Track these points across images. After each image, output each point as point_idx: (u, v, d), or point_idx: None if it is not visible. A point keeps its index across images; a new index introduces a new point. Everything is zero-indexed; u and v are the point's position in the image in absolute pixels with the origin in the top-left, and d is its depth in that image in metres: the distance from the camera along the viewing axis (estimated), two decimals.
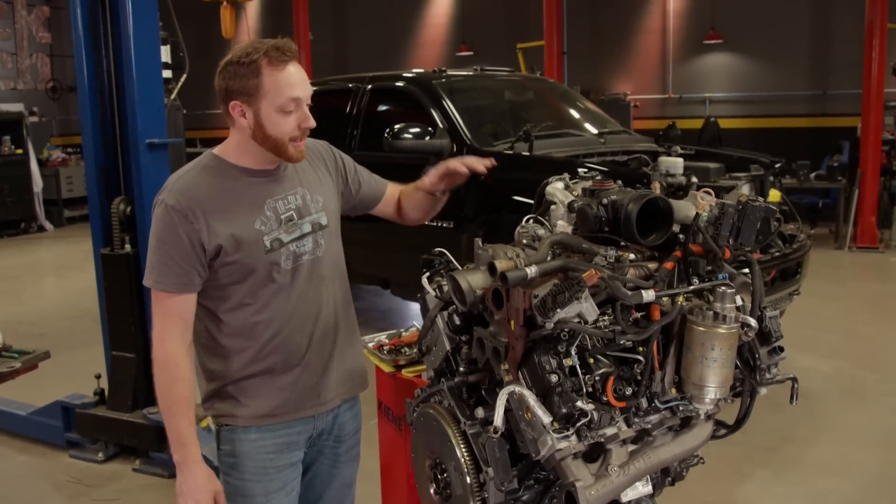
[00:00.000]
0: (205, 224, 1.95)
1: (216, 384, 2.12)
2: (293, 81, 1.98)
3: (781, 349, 1.88)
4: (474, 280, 1.80)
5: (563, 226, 1.97)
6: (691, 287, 1.79)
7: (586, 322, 1.63)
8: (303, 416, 2.16)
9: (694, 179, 2.07)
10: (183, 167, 2.09)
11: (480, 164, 2.41)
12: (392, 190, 2.54)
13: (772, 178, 5.27)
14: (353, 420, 2.35)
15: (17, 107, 13.70)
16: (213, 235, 1.96)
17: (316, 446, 2.26)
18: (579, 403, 1.61)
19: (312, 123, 2.03)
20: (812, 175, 9.90)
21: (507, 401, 1.65)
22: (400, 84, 6.24)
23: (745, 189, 4.64)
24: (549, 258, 1.77)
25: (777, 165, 5.51)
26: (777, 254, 4.74)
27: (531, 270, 1.66)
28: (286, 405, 2.11)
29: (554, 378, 1.62)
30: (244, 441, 2.10)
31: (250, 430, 2.10)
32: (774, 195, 4.87)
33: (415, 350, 2.51)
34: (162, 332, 1.99)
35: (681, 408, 1.81)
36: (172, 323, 1.98)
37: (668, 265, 1.79)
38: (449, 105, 5.59)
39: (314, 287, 2.13)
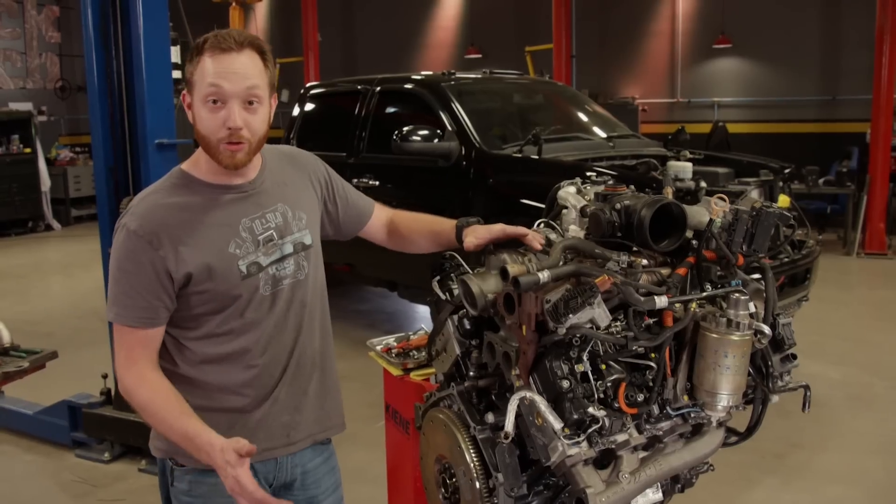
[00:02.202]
0: (172, 251, 1.75)
1: None
2: (220, 69, 1.72)
3: (794, 357, 1.87)
4: (486, 284, 1.79)
5: (575, 230, 1.96)
6: (704, 293, 1.78)
7: (598, 328, 1.63)
8: (266, 458, 1.92)
9: (703, 184, 2.06)
10: (150, 186, 1.89)
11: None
12: (380, 212, 2.27)
13: (781, 184, 5.26)
14: (331, 475, 2.09)
15: (26, 106, 13.75)
16: (182, 263, 1.76)
17: (288, 498, 1.96)
18: (591, 409, 1.60)
19: (236, 122, 1.74)
20: (821, 181, 9.87)
21: (518, 406, 1.64)
22: (409, 86, 6.24)
23: (755, 194, 4.63)
24: (561, 263, 1.76)
25: (786, 171, 5.49)
26: (786, 260, 4.72)
27: (543, 275, 1.65)
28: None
29: (565, 384, 1.61)
30: (202, 483, 1.87)
31: (208, 472, 1.79)
32: (783, 201, 4.85)
33: (423, 353, 2.51)
34: (126, 363, 1.80)
35: (692, 415, 1.80)
36: (138, 354, 1.79)
37: (681, 271, 1.78)
38: (458, 108, 5.59)
39: (294, 314, 1.93)
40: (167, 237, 1.76)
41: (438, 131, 5.32)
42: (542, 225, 2.05)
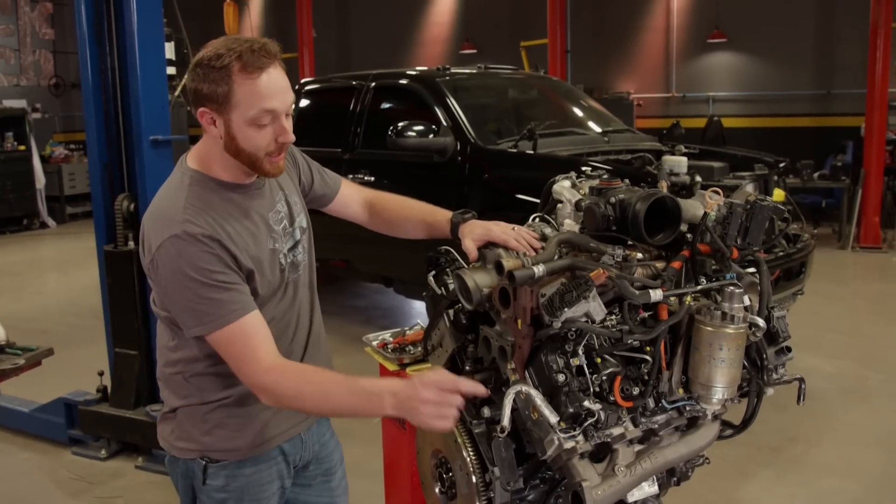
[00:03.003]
0: (233, 245, 1.74)
1: (198, 413, 1.89)
2: (269, 92, 1.71)
3: (789, 349, 1.88)
4: (481, 279, 1.79)
5: (570, 224, 1.97)
6: (699, 287, 1.78)
7: (594, 321, 1.63)
8: (293, 436, 1.99)
9: (698, 179, 2.06)
10: (168, 190, 1.82)
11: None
12: (349, 189, 2.26)
13: (776, 178, 5.27)
14: (337, 448, 2.19)
15: (20, 103, 13.68)
16: (242, 259, 1.76)
17: (303, 480, 2.09)
18: (586, 403, 1.61)
19: (291, 138, 1.77)
20: (816, 175, 9.89)
21: (514, 400, 1.64)
22: (404, 82, 6.24)
23: (750, 188, 4.63)
24: (556, 257, 1.77)
25: (781, 165, 5.51)
26: (781, 253, 4.73)
27: (538, 269, 1.65)
28: (279, 424, 1.93)
29: (561, 377, 1.61)
30: (239, 476, 1.91)
31: (244, 463, 1.91)
32: (778, 195, 4.83)
33: (419, 348, 2.51)
34: (252, 365, 1.70)
35: (688, 408, 1.81)
36: (257, 344, 1.71)
37: (676, 265, 1.78)
38: (453, 103, 5.58)
39: (307, 295, 2.02)
40: (224, 235, 1.74)
41: (433, 127, 5.32)
42: (537, 219, 2.05)
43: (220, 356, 1.75)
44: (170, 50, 4.55)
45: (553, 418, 1.58)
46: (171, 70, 4.51)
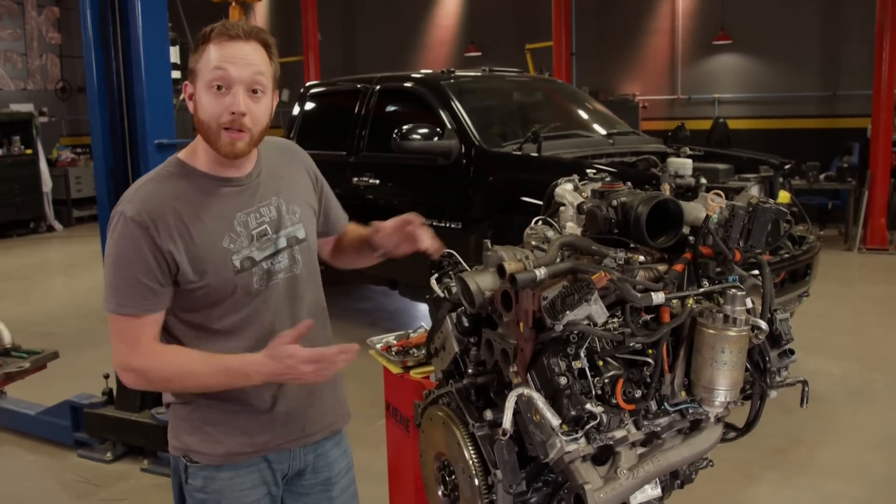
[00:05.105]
0: (168, 238, 1.75)
1: (184, 412, 1.93)
2: (227, 56, 1.73)
3: (792, 352, 1.87)
4: (483, 282, 1.79)
5: (572, 227, 1.96)
6: (701, 289, 1.78)
7: (595, 324, 1.63)
8: (281, 450, 1.96)
9: (703, 181, 2.06)
10: (145, 175, 1.88)
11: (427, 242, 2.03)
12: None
13: (781, 180, 5.26)
14: (343, 457, 2.13)
15: (27, 107, 13.76)
16: (178, 252, 1.76)
17: (299, 488, 2.05)
18: (588, 406, 1.60)
19: (240, 108, 1.73)
20: (822, 176, 9.87)
21: (516, 403, 1.64)
22: (408, 85, 6.25)
23: (755, 190, 4.63)
24: (558, 260, 1.76)
25: (786, 167, 5.49)
26: (786, 255, 4.72)
27: (540, 272, 1.65)
28: (261, 439, 1.91)
29: (563, 380, 1.61)
30: (216, 479, 1.90)
31: (222, 468, 1.90)
32: (784, 196, 4.86)
33: (423, 351, 2.51)
34: (132, 350, 1.78)
35: (690, 410, 1.80)
36: (142, 337, 1.78)
37: (678, 267, 1.78)
38: (457, 106, 5.59)
39: (290, 308, 1.93)
40: (164, 225, 1.75)
41: (438, 129, 5.32)
42: (540, 222, 2.05)
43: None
44: (174, 54, 4.58)
45: (555, 421, 1.58)
46: (175, 74, 4.53)
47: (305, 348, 1.70)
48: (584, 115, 6.51)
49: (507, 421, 1.60)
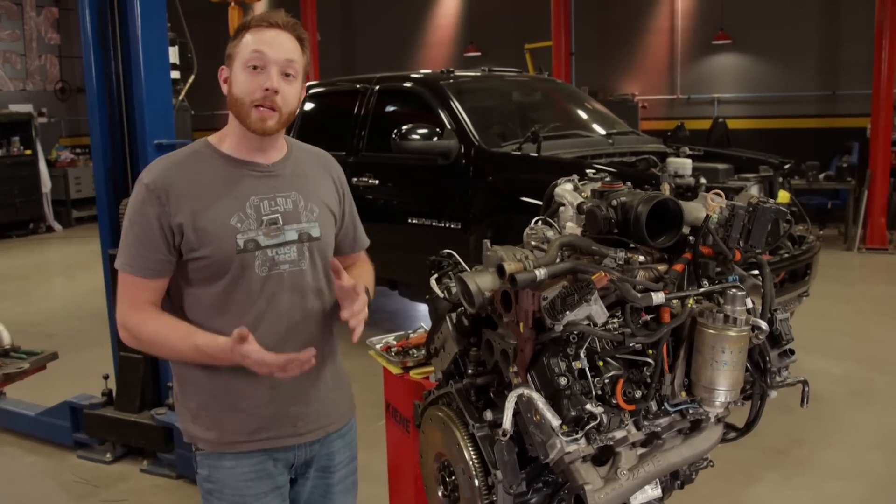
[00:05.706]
0: (176, 208, 1.82)
1: (183, 399, 1.99)
2: (264, 39, 1.85)
3: (792, 352, 1.87)
4: (483, 282, 1.79)
5: (572, 227, 1.96)
6: (701, 289, 1.78)
7: (595, 324, 1.63)
8: (278, 447, 1.98)
9: (702, 180, 2.06)
10: (174, 150, 1.98)
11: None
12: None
13: (781, 179, 5.26)
14: (346, 449, 2.16)
15: (27, 108, 13.75)
16: (185, 222, 1.83)
17: (304, 475, 2.09)
18: (588, 406, 1.60)
19: (274, 85, 1.83)
20: (821, 176, 9.87)
21: (516, 403, 1.64)
22: (408, 85, 6.24)
23: (755, 190, 4.62)
24: (558, 260, 1.76)
25: (786, 166, 5.49)
26: (786, 255, 4.72)
27: (540, 272, 1.65)
28: (258, 432, 1.95)
29: (563, 381, 1.61)
30: (219, 468, 1.96)
31: (224, 456, 1.95)
32: (783, 196, 4.85)
33: (423, 352, 2.51)
34: (130, 309, 1.87)
35: (690, 411, 1.81)
36: (142, 300, 1.87)
37: (678, 267, 1.78)
38: (457, 106, 5.58)
39: (290, 302, 1.93)
40: (174, 195, 1.83)
41: (437, 129, 5.32)
42: (540, 222, 2.05)
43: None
44: (174, 54, 4.56)
45: (555, 421, 1.58)
46: (175, 74, 4.52)
47: (259, 351, 1.74)
48: (583, 114, 6.51)
49: (507, 421, 1.60)
